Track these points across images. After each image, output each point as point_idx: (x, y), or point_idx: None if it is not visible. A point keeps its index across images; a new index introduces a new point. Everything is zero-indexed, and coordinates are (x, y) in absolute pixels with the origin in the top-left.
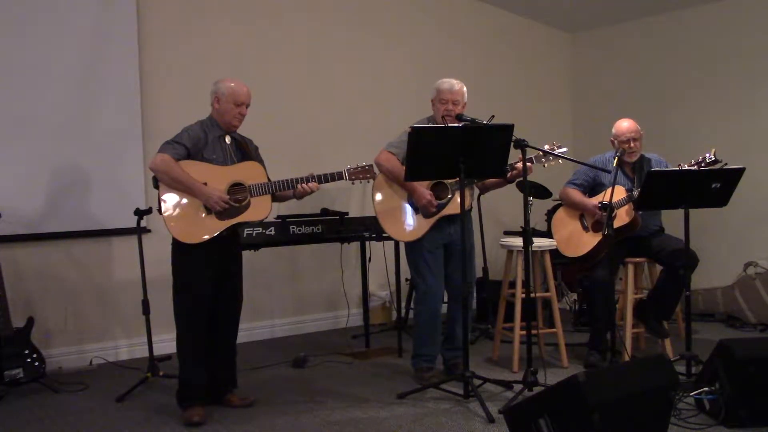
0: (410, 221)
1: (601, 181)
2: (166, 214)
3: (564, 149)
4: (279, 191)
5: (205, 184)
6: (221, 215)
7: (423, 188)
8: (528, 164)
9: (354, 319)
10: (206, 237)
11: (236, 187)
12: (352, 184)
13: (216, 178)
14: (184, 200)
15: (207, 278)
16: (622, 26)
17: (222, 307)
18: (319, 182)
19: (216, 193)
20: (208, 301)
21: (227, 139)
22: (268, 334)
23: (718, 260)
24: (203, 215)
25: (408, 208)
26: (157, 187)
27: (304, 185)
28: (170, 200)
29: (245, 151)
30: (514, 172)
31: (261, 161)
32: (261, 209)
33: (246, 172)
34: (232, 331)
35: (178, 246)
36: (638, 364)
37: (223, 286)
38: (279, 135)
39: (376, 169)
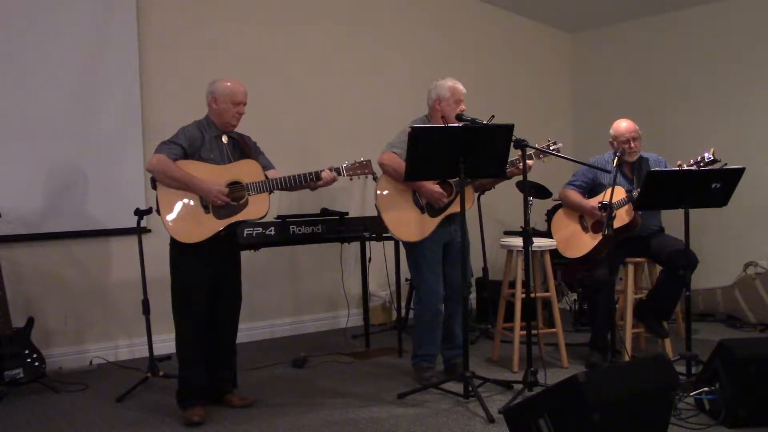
0: (417, 221)
1: (601, 182)
2: (164, 215)
3: (559, 145)
4: (277, 189)
5: None
6: (220, 214)
7: (430, 184)
8: (529, 162)
9: (354, 319)
10: (205, 236)
11: (234, 186)
12: (350, 180)
13: (213, 177)
14: (182, 200)
15: (206, 278)
16: (622, 26)
17: (221, 307)
18: (318, 179)
19: (215, 186)
20: (208, 301)
21: (224, 139)
22: (268, 334)
23: (718, 260)
24: (201, 215)
25: (414, 208)
26: (155, 188)
27: (326, 172)
28: (168, 200)
29: (243, 149)
30: (513, 168)
31: (263, 154)
32: (259, 207)
33: (243, 171)
34: (231, 331)
35: (176, 246)
36: (638, 364)
37: (222, 286)
38: (277, 134)
39: (376, 168)
